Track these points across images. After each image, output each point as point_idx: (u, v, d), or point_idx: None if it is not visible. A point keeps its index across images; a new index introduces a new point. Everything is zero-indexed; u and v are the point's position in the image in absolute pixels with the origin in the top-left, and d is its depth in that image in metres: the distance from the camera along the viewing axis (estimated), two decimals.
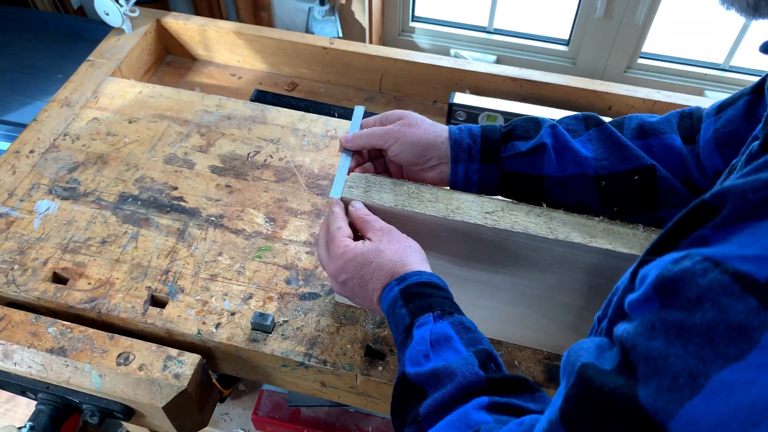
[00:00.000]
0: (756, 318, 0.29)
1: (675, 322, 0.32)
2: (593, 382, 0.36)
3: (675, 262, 0.34)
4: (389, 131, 0.72)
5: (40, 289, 0.84)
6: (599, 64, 1.61)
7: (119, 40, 1.22)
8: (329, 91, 1.28)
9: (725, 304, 0.30)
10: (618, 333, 0.37)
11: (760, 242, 0.30)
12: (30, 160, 1.00)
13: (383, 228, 0.64)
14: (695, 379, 0.30)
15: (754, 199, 0.31)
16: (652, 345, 0.33)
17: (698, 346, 0.31)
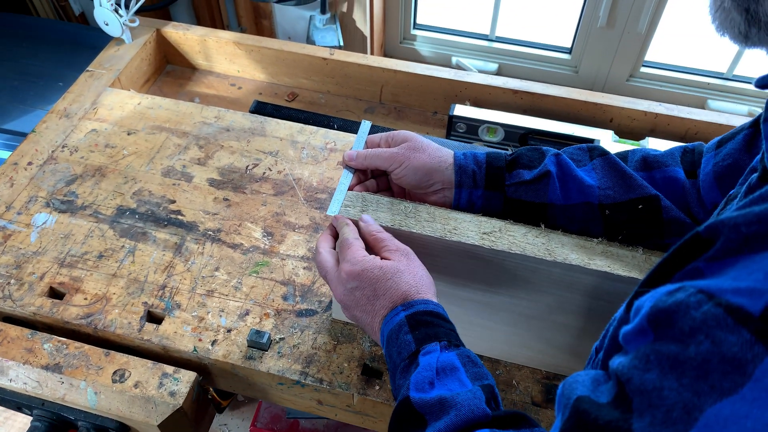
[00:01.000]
0: (749, 351, 0.29)
1: (669, 355, 0.32)
2: (588, 415, 0.36)
3: (669, 294, 0.34)
4: (394, 155, 0.72)
5: (36, 304, 0.84)
6: (602, 72, 1.60)
7: (119, 50, 1.22)
8: (329, 101, 1.27)
9: (719, 337, 0.30)
10: (613, 366, 0.37)
11: (754, 275, 0.30)
12: (28, 173, 1.00)
13: (401, 249, 0.64)
14: (690, 413, 0.30)
15: (747, 233, 0.32)
16: (647, 378, 0.33)
17: (692, 379, 0.31)
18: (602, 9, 1.46)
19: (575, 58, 1.61)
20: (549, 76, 1.64)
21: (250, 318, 0.83)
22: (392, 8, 1.62)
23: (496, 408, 0.53)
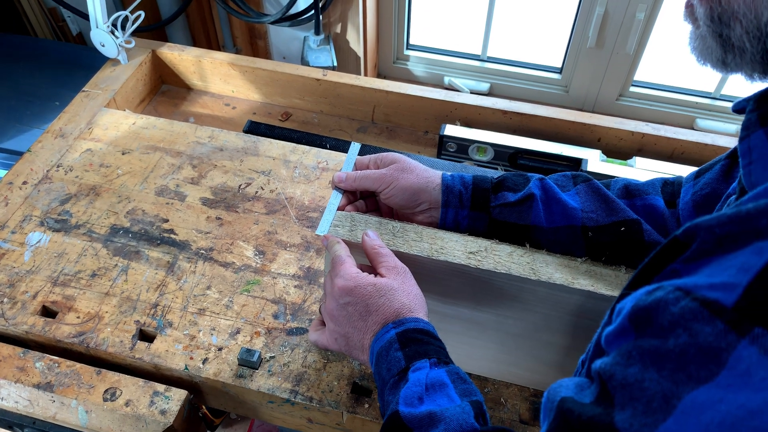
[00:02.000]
0: (724, 340, 0.30)
1: (650, 349, 0.34)
2: (572, 413, 0.38)
3: (648, 293, 0.36)
4: (383, 176, 0.74)
5: (28, 323, 0.84)
6: (592, 92, 1.62)
7: (114, 70, 1.24)
8: (322, 121, 1.29)
9: (696, 329, 0.32)
10: (595, 367, 0.39)
11: (727, 271, 0.32)
12: (23, 192, 1.01)
13: (397, 267, 0.65)
14: (668, 401, 0.32)
15: (721, 233, 0.34)
16: (629, 372, 0.35)
17: (671, 371, 0.32)
18: (591, 30, 1.49)
19: (566, 78, 1.63)
20: (540, 96, 1.67)
21: (241, 336, 0.83)
22: (385, 29, 1.65)
23: (484, 424, 0.54)
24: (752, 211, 0.32)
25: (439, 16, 1.76)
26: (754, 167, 0.41)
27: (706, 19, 0.43)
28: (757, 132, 0.41)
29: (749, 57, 0.42)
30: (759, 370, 0.29)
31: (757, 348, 0.29)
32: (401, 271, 0.64)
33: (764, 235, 0.31)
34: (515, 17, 1.69)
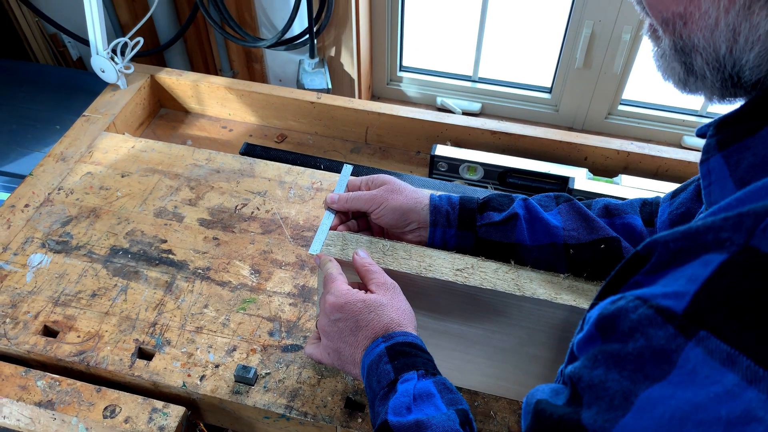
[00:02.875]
0: (674, 342, 0.34)
1: (613, 353, 0.37)
2: (545, 413, 0.41)
3: (612, 303, 0.39)
4: (373, 196, 0.77)
5: (30, 343, 0.87)
6: (581, 111, 1.66)
7: (114, 95, 1.27)
8: (317, 142, 1.32)
9: (651, 333, 0.35)
10: (567, 371, 0.42)
11: (679, 281, 0.35)
12: (25, 214, 1.04)
13: (387, 283, 0.68)
14: (627, 399, 0.35)
15: (674, 248, 0.37)
16: (595, 374, 0.38)
17: (630, 371, 0.36)
18: (579, 51, 1.53)
19: (555, 97, 1.67)
20: (530, 115, 1.70)
21: (238, 353, 0.86)
22: (379, 52, 1.69)
23: (470, 431, 0.56)
24: (701, 228, 0.35)
25: (432, 38, 1.80)
26: (713, 188, 0.44)
27: (669, 49, 0.46)
28: (716, 156, 0.44)
29: (709, 83, 0.45)
30: (703, 368, 0.32)
31: (701, 349, 0.32)
32: (390, 287, 0.67)
33: (710, 248, 0.34)
34: (505, 39, 1.73)
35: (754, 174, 0.40)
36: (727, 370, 0.31)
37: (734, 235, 0.33)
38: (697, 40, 0.43)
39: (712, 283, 0.33)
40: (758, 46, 0.40)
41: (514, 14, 1.73)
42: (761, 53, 0.40)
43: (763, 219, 0.33)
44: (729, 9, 0.40)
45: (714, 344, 0.32)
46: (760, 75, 0.42)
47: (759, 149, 0.41)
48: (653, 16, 0.46)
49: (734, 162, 0.42)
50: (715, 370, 0.32)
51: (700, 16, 0.41)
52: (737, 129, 0.43)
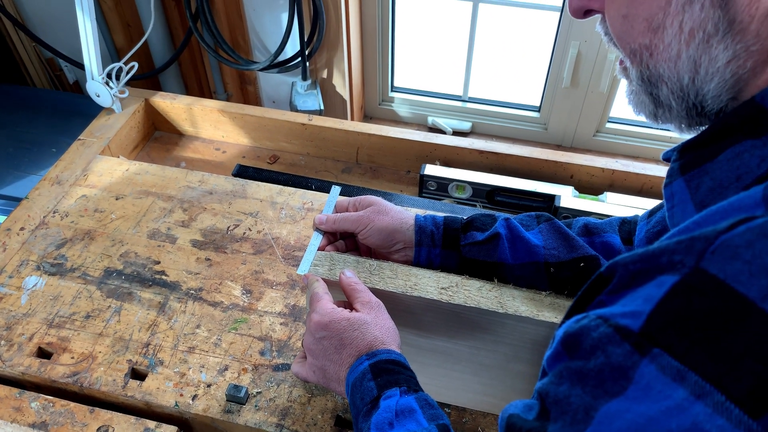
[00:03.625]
0: (630, 359, 0.35)
1: (576, 369, 0.39)
2: (515, 427, 0.43)
3: (577, 321, 0.41)
4: (360, 217, 0.79)
5: (24, 364, 0.88)
6: (569, 129, 1.69)
7: (109, 119, 1.30)
8: (309, 163, 1.34)
9: (609, 351, 0.37)
10: (537, 387, 0.44)
11: (636, 301, 0.37)
12: (20, 237, 1.05)
13: (371, 302, 0.69)
14: (588, 413, 0.37)
15: (633, 269, 0.39)
16: (560, 390, 0.40)
17: (592, 387, 0.37)
18: (566, 71, 1.56)
19: (544, 116, 1.70)
20: (520, 133, 1.73)
21: (229, 373, 0.87)
22: (370, 73, 1.72)
23: None
24: (656, 251, 0.37)
25: (422, 59, 1.83)
26: (676, 210, 0.46)
27: (637, 79, 0.48)
28: (678, 180, 0.46)
29: (675, 113, 0.48)
30: (656, 384, 0.34)
31: (655, 366, 0.34)
32: (375, 305, 0.69)
33: (664, 270, 0.36)
34: (494, 59, 1.77)
35: (712, 197, 0.43)
36: (678, 385, 0.33)
37: (686, 257, 0.35)
38: (662, 70, 0.45)
39: (664, 304, 0.35)
40: (717, 77, 0.43)
41: (503, 35, 1.77)
42: (720, 83, 0.43)
43: (712, 242, 0.34)
44: (690, 42, 0.42)
45: (666, 361, 0.34)
46: (721, 104, 0.44)
47: (716, 174, 0.43)
48: (621, 47, 0.48)
49: (695, 186, 0.44)
50: (666, 385, 0.33)
51: (664, 48, 0.44)
52: (698, 154, 0.45)
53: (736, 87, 0.43)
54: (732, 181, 0.42)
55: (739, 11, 0.40)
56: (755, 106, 0.41)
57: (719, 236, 0.34)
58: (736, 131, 0.42)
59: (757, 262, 0.33)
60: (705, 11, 0.41)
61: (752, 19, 0.40)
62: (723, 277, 0.33)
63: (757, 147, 0.41)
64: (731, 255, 0.33)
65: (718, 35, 0.41)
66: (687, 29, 0.42)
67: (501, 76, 1.81)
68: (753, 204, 0.36)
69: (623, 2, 0.45)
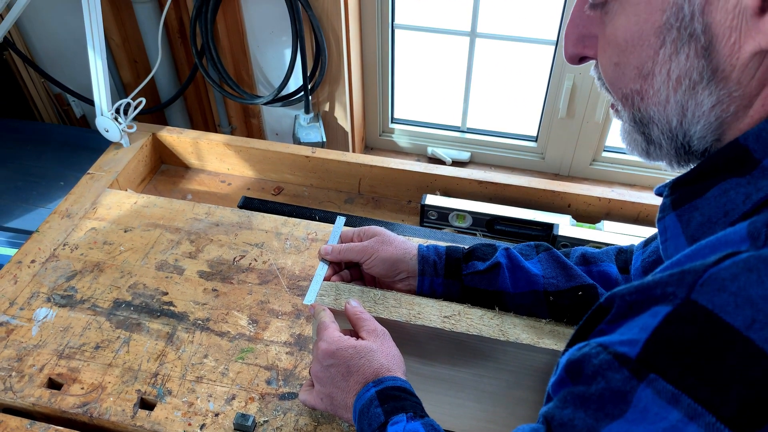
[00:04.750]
0: (628, 384, 0.38)
1: (579, 394, 0.42)
2: None
3: (579, 349, 0.43)
4: (365, 248, 0.82)
5: (35, 395, 0.90)
6: (566, 158, 1.73)
7: (117, 153, 1.33)
8: (312, 194, 1.37)
9: (609, 376, 0.40)
10: (542, 412, 0.46)
11: (632, 330, 0.40)
12: (31, 270, 1.08)
13: (377, 330, 0.72)
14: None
15: (630, 300, 0.42)
16: (564, 413, 0.43)
17: (594, 410, 0.40)
18: (561, 102, 1.60)
19: (541, 146, 1.74)
20: (518, 163, 1.77)
21: (237, 402, 0.89)
22: (371, 106, 1.77)
23: None
24: (651, 283, 0.40)
25: (421, 91, 1.88)
26: (668, 243, 0.49)
27: (629, 120, 0.52)
28: (670, 215, 0.49)
29: (665, 151, 0.51)
30: (653, 407, 0.36)
31: (651, 390, 0.37)
32: (380, 333, 0.71)
33: (659, 301, 0.39)
34: (491, 91, 1.81)
35: (702, 232, 0.45)
36: (672, 407, 0.36)
37: (677, 289, 0.38)
38: (653, 113, 0.49)
39: (659, 332, 0.38)
40: (703, 120, 0.46)
41: (499, 68, 1.81)
42: (705, 126, 0.46)
43: (701, 275, 0.37)
44: (677, 88, 0.46)
45: (661, 385, 0.36)
46: (707, 145, 0.48)
47: (706, 210, 0.46)
48: (613, 92, 0.52)
49: (686, 220, 0.47)
50: (662, 408, 0.36)
51: (654, 93, 0.47)
52: (688, 191, 0.48)
53: (720, 129, 0.46)
54: (720, 216, 0.44)
55: (721, 61, 0.43)
56: (739, 146, 0.44)
57: (708, 270, 0.37)
58: (723, 170, 0.45)
59: (742, 294, 0.35)
60: (690, 61, 0.44)
61: (734, 68, 0.43)
62: (711, 307, 0.36)
63: (741, 185, 0.44)
64: (718, 287, 0.36)
65: (703, 82, 0.44)
66: (674, 77, 0.45)
67: (498, 107, 1.86)
68: (739, 239, 0.39)
69: (615, 51, 0.48)
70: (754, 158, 0.43)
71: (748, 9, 0.40)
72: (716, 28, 0.42)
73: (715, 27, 0.42)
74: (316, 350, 0.72)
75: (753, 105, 0.44)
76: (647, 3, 0.45)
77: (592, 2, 0.49)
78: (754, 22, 0.41)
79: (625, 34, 0.47)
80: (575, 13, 0.52)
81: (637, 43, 0.46)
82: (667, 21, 0.44)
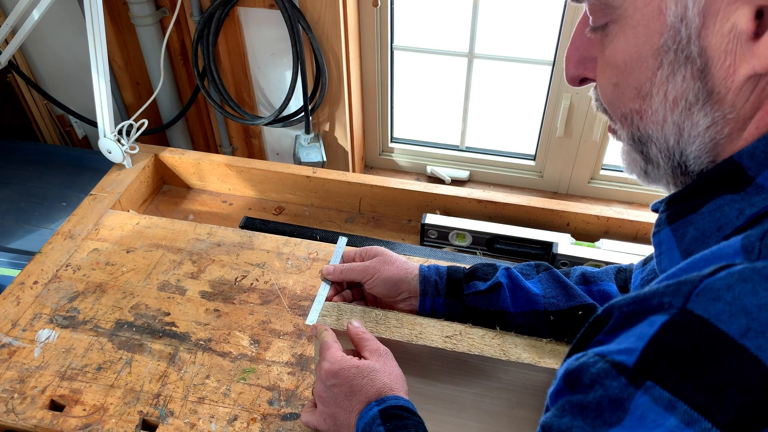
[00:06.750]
0: (626, 392, 0.39)
1: (577, 403, 0.42)
2: None
3: (576, 359, 0.44)
4: (367, 268, 0.83)
5: (37, 417, 0.90)
6: (564, 176, 1.74)
7: (120, 174, 1.34)
8: (313, 213, 1.38)
9: (607, 384, 0.40)
10: (541, 421, 0.46)
11: (629, 339, 0.41)
12: (33, 291, 1.08)
13: (380, 350, 0.72)
14: None
15: (627, 311, 0.42)
16: (563, 422, 0.43)
17: (591, 418, 0.40)
18: (559, 121, 1.62)
19: (539, 164, 1.75)
20: (516, 181, 1.78)
21: (238, 423, 0.89)
22: (371, 126, 1.78)
23: None
24: (647, 293, 0.41)
25: (420, 111, 1.90)
26: (663, 257, 0.50)
27: (628, 139, 0.53)
28: (665, 229, 0.50)
29: (663, 170, 0.52)
30: (650, 413, 0.37)
31: (648, 397, 0.38)
32: (383, 353, 0.72)
33: (655, 311, 0.40)
34: (489, 110, 1.83)
35: (696, 245, 0.47)
36: (669, 414, 0.36)
37: (674, 299, 0.39)
38: (651, 131, 0.50)
39: (656, 340, 0.38)
40: (698, 140, 0.47)
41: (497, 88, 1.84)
42: (701, 146, 0.47)
43: (696, 285, 0.38)
44: (674, 109, 0.47)
45: (658, 392, 0.37)
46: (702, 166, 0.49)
47: (700, 224, 0.47)
48: (612, 112, 0.53)
49: (680, 234, 0.48)
50: (659, 414, 0.37)
51: (652, 113, 0.49)
52: (683, 206, 0.49)
53: (715, 150, 0.47)
54: (714, 231, 0.45)
55: (716, 83, 0.44)
56: (733, 163, 0.46)
57: (703, 280, 0.38)
58: (718, 186, 0.46)
59: (737, 303, 0.36)
60: (686, 82, 0.45)
61: (728, 90, 0.44)
62: (707, 316, 0.37)
63: (735, 201, 0.45)
64: (714, 297, 0.37)
65: (698, 104, 0.46)
66: (671, 97, 0.47)
67: (496, 127, 1.87)
68: (733, 253, 0.40)
69: (614, 72, 0.50)
70: (747, 175, 0.44)
71: (743, 33, 0.41)
72: (712, 52, 0.43)
73: (711, 50, 0.43)
74: (319, 370, 0.72)
75: (747, 127, 0.45)
76: (645, 26, 0.45)
77: (592, 26, 0.50)
78: (748, 47, 0.42)
79: (624, 55, 0.48)
80: (576, 36, 0.53)
81: (636, 65, 0.47)
82: (665, 43, 0.45)
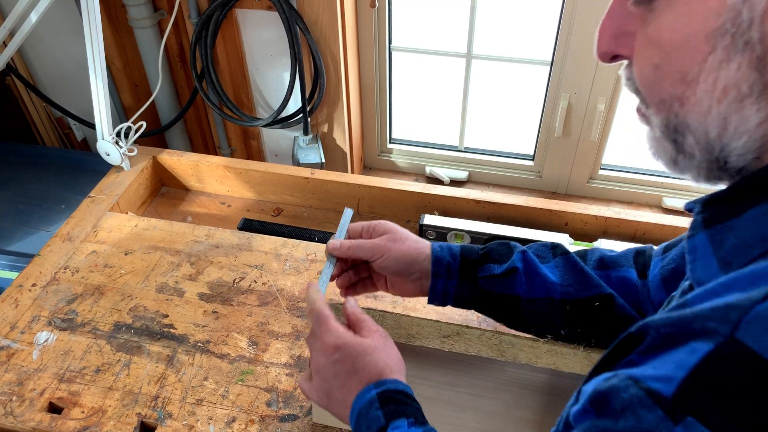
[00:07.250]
0: (663, 425, 0.36)
1: (603, 428, 0.39)
2: None
3: (606, 380, 0.41)
4: (376, 246, 0.78)
5: (36, 420, 0.90)
6: (563, 176, 1.74)
7: (118, 176, 1.34)
8: (311, 214, 1.38)
9: (641, 414, 0.37)
10: None
11: (667, 365, 0.37)
12: (32, 294, 1.08)
13: (380, 330, 0.69)
14: None
15: (665, 333, 0.39)
16: None
17: None
18: (557, 121, 1.62)
19: (538, 165, 1.75)
20: (515, 181, 1.78)
21: (237, 424, 0.89)
22: (369, 126, 1.78)
23: None
24: (689, 316, 0.38)
25: (419, 111, 1.90)
26: (697, 264, 0.46)
27: (661, 126, 0.48)
28: (701, 233, 0.46)
29: (696, 163, 0.47)
30: None
31: None
32: (382, 333, 0.69)
33: (697, 336, 0.37)
34: (488, 110, 1.83)
35: (737, 255, 0.42)
36: None
37: (720, 326, 0.35)
38: (691, 121, 0.45)
39: (698, 371, 0.35)
40: (746, 136, 0.42)
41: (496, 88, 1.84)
42: (748, 143, 0.43)
43: (747, 312, 0.34)
44: (722, 99, 0.42)
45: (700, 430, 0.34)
46: (745, 162, 0.44)
47: (741, 232, 0.42)
48: (648, 96, 0.48)
49: (718, 241, 0.44)
50: None
51: (696, 101, 0.44)
52: (722, 209, 0.45)
53: (763, 148, 0.43)
54: (758, 240, 0.41)
55: None
56: None
57: (754, 306, 0.34)
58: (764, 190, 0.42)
59: None
60: (741, 71, 0.40)
61: None
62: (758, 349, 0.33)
63: None
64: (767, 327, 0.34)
65: (752, 96, 0.41)
66: (721, 86, 0.42)
67: (495, 127, 1.87)
68: None
69: (656, 52, 0.45)
70: None
71: None
72: None
73: None
74: (318, 342, 0.68)
75: None
76: (701, 3, 0.41)
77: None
78: None
79: (671, 35, 0.43)
80: (614, 8, 0.48)
81: (684, 47, 0.42)
82: (722, 25, 0.40)
